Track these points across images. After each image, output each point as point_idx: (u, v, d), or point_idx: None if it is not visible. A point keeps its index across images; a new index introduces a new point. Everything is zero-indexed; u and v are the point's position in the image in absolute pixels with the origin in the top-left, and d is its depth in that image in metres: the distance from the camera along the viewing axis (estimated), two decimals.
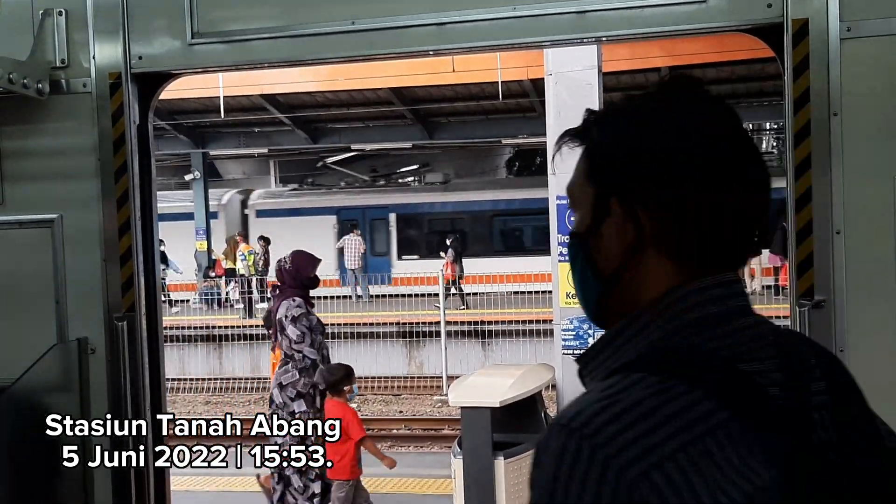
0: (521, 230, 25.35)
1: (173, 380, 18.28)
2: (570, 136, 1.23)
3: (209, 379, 20.07)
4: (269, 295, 20.48)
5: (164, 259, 24.59)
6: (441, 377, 18.39)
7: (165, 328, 3.69)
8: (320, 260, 7.16)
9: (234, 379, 20.03)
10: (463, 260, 23.09)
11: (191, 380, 19.77)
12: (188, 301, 23.88)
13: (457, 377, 9.29)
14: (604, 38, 3.12)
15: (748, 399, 1.10)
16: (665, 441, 1.04)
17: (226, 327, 20.97)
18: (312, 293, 7.20)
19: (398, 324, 20.14)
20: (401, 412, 17.30)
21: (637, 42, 14.11)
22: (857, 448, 1.16)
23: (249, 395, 19.27)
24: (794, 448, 1.10)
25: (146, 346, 3.37)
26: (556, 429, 1.07)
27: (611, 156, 1.18)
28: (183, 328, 20.31)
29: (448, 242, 23.61)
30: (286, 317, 6.82)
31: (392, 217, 26.55)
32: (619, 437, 1.03)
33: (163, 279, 23.96)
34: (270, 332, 8.02)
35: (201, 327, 20.95)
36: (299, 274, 6.97)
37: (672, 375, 1.09)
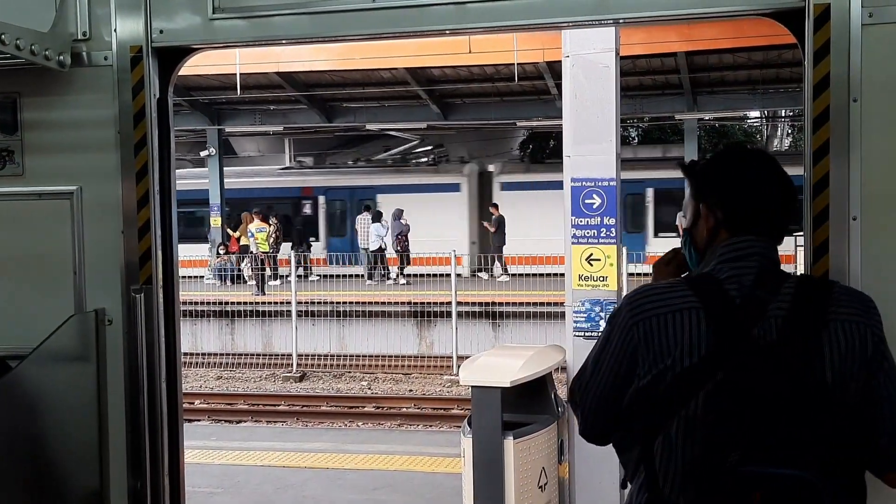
0: None
1: (186, 354, 18.40)
2: (682, 167, 2.39)
3: (222, 354, 20.18)
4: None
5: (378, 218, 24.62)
6: (451, 357, 18.44)
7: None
8: None
9: (246, 354, 20.14)
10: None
11: (203, 354, 19.89)
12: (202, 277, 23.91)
13: (467, 357, 9.32)
14: (622, 20, 3.10)
15: (714, 298, 2.06)
16: (656, 307, 2.10)
17: (238, 303, 21.05)
18: None
19: (410, 303, 20.17)
20: (411, 391, 17.39)
21: (655, 25, 14.01)
22: (786, 344, 1.98)
23: (261, 371, 19.39)
24: (727, 325, 2.01)
25: (162, 319, 3.39)
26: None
27: (702, 183, 2.29)
28: (196, 303, 20.37)
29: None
30: None
31: (649, 192, 25.73)
32: (637, 301, 2.14)
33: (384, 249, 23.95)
34: None
35: (214, 303, 21.03)
36: None
37: (685, 283, 2.16)
